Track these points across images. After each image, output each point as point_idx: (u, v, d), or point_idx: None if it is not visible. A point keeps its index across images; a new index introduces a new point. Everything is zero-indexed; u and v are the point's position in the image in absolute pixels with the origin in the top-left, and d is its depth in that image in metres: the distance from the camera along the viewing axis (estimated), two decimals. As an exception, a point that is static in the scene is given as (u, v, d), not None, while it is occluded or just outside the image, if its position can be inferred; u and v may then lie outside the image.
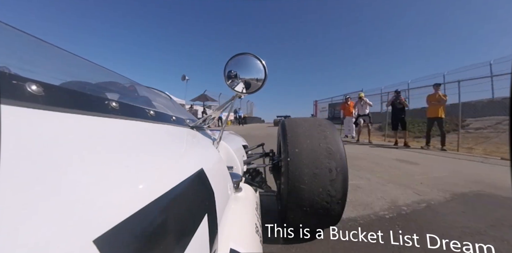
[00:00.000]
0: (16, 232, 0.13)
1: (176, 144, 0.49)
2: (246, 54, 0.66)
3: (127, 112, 0.39)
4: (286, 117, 14.55)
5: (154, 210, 0.24)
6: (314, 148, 1.05)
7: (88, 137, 0.26)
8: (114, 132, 0.32)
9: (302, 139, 1.09)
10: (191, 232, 0.31)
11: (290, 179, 1.01)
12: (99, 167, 0.23)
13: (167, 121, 0.57)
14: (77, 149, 0.22)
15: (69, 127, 0.25)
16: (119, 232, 0.19)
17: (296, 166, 1.02)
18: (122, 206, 0.21)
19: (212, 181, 0.46)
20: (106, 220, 0.19)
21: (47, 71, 0.45)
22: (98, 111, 0.31)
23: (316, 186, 0.99)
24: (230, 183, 0.67)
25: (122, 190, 0.23)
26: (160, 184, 0.29)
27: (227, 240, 0.47)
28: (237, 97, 0.72)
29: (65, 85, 0.40)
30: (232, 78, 0.67)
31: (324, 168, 1.01)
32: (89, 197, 0.19)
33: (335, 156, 1.03)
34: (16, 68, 0.31)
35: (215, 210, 0.43)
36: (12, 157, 0.16)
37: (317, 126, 1.17)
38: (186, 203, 0.33)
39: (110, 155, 0.26)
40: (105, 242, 0.17)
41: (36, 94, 0.22)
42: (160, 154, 0.37)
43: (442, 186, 2.15)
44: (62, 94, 0.28)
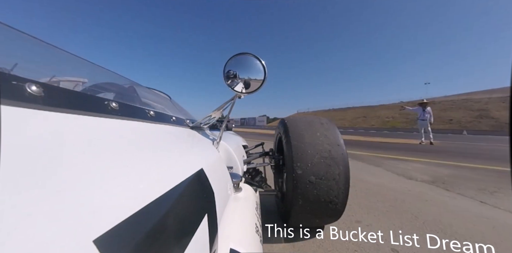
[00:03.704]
0: (16, 232, 0.13)
1: (176, 144, 0.50)
2: (245, 54, 0.66)
3: (127, 112, 0.39)
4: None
5: (154, 210, 0.24)
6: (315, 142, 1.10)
7: (88, 137, 0.26)
8: (114, 132, 0.32)
9: (305, 137, 1.13)
10: (191, 232, 0.31)
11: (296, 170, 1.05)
12: (99, 168, 0.23)
13: (167, 122, 0.57)
14: (77, 150, 0.23)
15: (69, 128, 0.25)
16: (119, 232, 0.19)
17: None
18: (122, 206, 0.21)
19: (212, 181, 0.46)
20: (106, 220, 0.19)
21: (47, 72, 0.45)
22: (98, 111, 0.31)
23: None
24: (230, 183, 0.67)
25: (122, 190, 0.23)
26: (160, 184, 0.29)
27: (227, 240, 0.47)
28: (236, 97, 0.72)
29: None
30: (232, 78, 0.67)
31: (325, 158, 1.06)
32: (89, 197, 0.19)
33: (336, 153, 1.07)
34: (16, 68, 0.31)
35: (215, 210, 0.43)
36: (12, 157, 0.16)
37: (319, 124, 1.20)
38: (186, 203, 0.33)
39: (110, 155, 0.26)
40: (105, 242, 0.17)
41: (36, 95, 0.22)
42: (160, 154, 0.37)
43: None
44: (62, 94, 0.28)
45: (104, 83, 0.65)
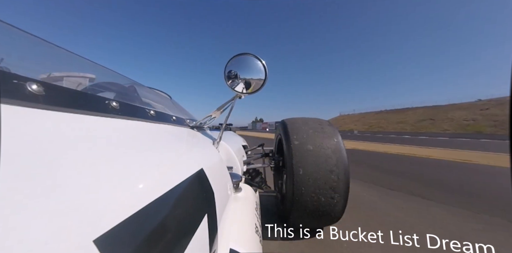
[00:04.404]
0: (16, 231, 0.13)
1: (176, 144, 0.49)
2: (246, 54, 0.66)
3: (127, 112, 0.39)
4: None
5: (154, 210, 0.24)
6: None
7: (88, 136, 0.26)
8: (114, 131, 0.32)
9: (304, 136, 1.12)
10: (191, 232, 0.31)
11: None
12: (99, 167, 0.23)
13: (167, 121, 0.57)
14: (77, 149, 0.22)
15: (70, 127, 0.25)
16: (119, 232, 0.19)
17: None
18: (122, 206, 0.21)
19: (212, 181, 0.46)
20: (106, 220, 0.19)
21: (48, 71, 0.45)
22: (99, 110, 0.31)
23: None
24: (230, 183, 0.67)
25: (122, 190, 0.23)
26: (160, 184, 0.29)
27: (227, 240, 0.47)
28: (237, 97, 0.71)
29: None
30: (232, 78, 0.67)
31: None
32: (89, 197, 0.19)
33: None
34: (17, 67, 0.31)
35: (215, 210, 0.43)
36: (13, 157, 0.16)
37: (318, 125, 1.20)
38: (186, 203, 0.33)
39: (110, 155, 0.26)
40: (105, 242, 0.17)
41: (36, 94, 0.22)
42: (160, 154, 0.37)
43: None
44: (62, 93, 0.28)
45: (104, 82, 0.65)
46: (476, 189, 2.43)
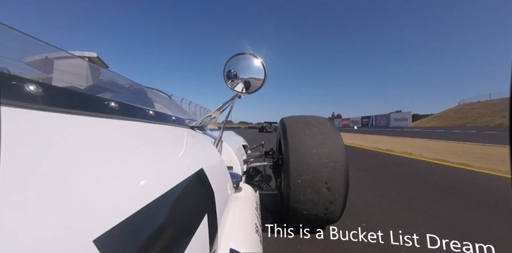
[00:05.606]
0: (16, 232, 0.13)
1: (176, 144, 0.49)
2: (245, 54, 0.66)
3: (126, 112, 0.39)
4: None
5: (154, 210, 0.24)
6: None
7: (88, 137, 0.26)
8: (113, 132, 0.32)
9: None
10: (191, 232, 0.31)
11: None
12: (99, 168, 0.23)
13: (167, 121, 0.57)
14: (77, 150, 0.22)
15: (69, 128, 0.25)
16: (119, 232, 0.19)
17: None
18: (122, 206, 0.21)
19: (212, 181, 0.46)
20: (106, 220, 0.19)
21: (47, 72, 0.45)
22: (98, 111, 0.31)
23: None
24: (230, 183, 0.67)
25: (122, 190, 0.23)
26: (160, 184, 0.29)
27: (227, 240, 0.47)
28: (237, 97, 0.71)
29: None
30: (232, 78, 0.67)
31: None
32: (89, 197, 0.19)
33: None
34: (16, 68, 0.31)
35: (215, 210, 0.43)
36: (12, 158, 0.16)
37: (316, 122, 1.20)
38: (186, 203, 0.33)
39: (110, 155, 0.26)
40: (105, 242, 0.17)
41: (35, 95, 0.22)
42: (160, 154, 0.37)
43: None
44: (61, 94, 0.28)
45: (103, 83, 0.65)
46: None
